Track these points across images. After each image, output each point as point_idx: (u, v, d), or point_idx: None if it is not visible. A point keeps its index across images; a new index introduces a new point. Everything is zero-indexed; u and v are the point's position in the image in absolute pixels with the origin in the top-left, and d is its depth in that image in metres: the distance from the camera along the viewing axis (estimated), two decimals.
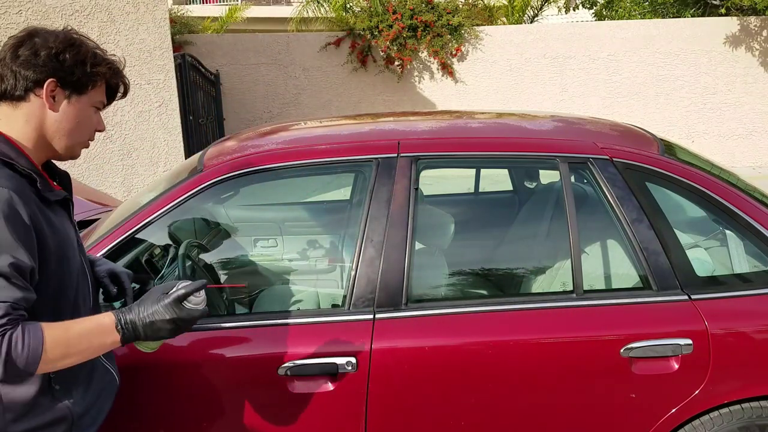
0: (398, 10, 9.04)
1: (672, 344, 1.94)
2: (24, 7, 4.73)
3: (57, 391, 1.38)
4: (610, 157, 2.12)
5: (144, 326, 1.36)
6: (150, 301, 1.38)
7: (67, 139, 1.42)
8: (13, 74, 1.32)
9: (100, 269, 1.68)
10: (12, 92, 1.33)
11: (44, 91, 1.34)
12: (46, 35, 1.35)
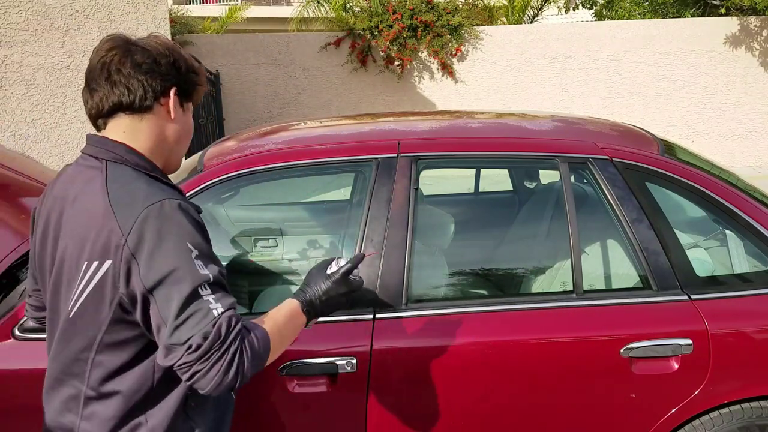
0: (398, 10, 9.04)
1: (672, 344, 1.94)
2: (24, 7, 4.73)
3: (191, 409, 1.32)
4: (610, 157, 2.12)
5: (322, 304, 1.41)
6: (319, 280, 1.43)
7: (182, 149, 1.38)
8: (140, 84, 1.26)
9: None
10: (141, 103, 1.27)
11: (171, 100, 1.30)
12: (147, 43, 1.30)
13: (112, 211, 1.17)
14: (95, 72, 1.28)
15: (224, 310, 1.18)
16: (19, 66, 4.76)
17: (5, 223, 2.91)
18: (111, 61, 1.27)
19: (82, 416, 1.24)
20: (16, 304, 1.99)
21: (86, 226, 1.19)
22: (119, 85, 1.26)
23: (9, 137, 4.78)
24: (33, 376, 1.91)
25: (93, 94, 1.29)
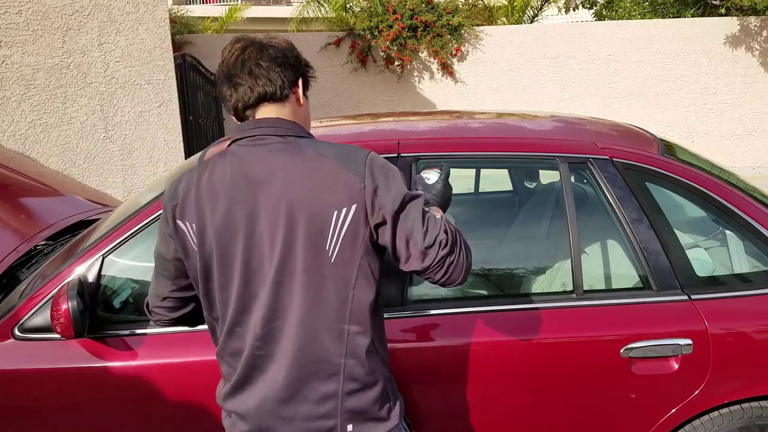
0: (398, 10, 9.03)
1: (672, 344, 1.94)
2: (24, 8, 4.73)
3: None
4: (610, 157, 2.12)
5: (442, 199, 1.57)
6: (430, 189, 1.57)
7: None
8: (278, 75, 1.41)
9: None
10: (281, 92, 1.43)
11: (299, 88, 1.48)
12: (271, 40, 1.46)
13: (340, 167, 1.35)
14: (235, 69, 1.40)
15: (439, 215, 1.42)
16: (19, 66, 4.75)
17: (5, 223, 2.91)
18: (249, 58, 1.40)
19: (346, 354, 1.38)
20: (16, 304, 1.99)
21: (314, 186, 1.34)
22: (261, 77, 1.40)
23: (9, 137, 4.78)
24: (33, 376, 1.92)
25: (237, 88, 1.41)
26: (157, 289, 1.50)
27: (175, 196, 1.42)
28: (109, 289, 2.06)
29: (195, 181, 1.41)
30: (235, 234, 1.36)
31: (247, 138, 1.41)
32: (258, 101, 1.41)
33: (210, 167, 1.40)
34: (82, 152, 5.06)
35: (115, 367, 1.90)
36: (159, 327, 1.48)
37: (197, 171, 1.42)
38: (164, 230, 1.45)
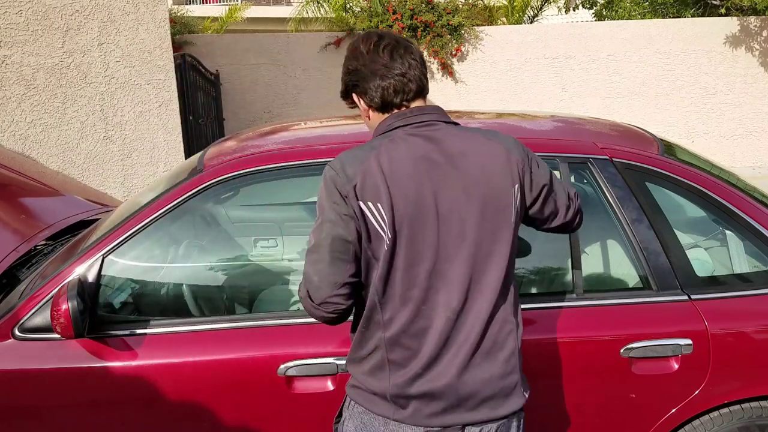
0: (398, 10, 9.03)
1: (672, 344, 1.94)
2: (24, 8, 4.73)
3: None
4: (610, 157, 2.12)
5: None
6: None
7: None
8: (424, 72, 1.53)
9: None
10: (428, 87, 1.55)
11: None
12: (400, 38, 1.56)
13: (506, 149, 1.49)
14: (394, 62, 1.48)
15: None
16: (19, 66, 4.75)
17: (5, 223, 2.91)
18: (405, 53, 1.51)
19: (517, 324, 1.53)
20: (16, 304, 1.99)
21: (493, 166, 1.46)
22: (419, 71, 1.52)
23: (9, 137, 4.78)
24: (33, 376, 1.92)
25: (395, 79, 1.49)
26: (334, 276, 1.42)
27: (351, 178, 1.41)
28: (109, 289, 2.06)
29: (373, 164, 1.42)
30: (425, 213, 1.41)
31: (414, 124, 1.47)
32: (417, 93, 1.50)
33: (384, 151, 1.43)
34: (82, 152, 5.06)
35: (115, 367, 1.90)
36: (325, 318, 1.44)
37: (368, 154, 1.44)
38: (341, 211, 1.41)
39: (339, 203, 1.41)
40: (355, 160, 1.44)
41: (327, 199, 1.43)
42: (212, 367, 1.92)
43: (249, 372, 1.91)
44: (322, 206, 1.44)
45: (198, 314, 2.17)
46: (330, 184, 1.43)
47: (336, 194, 1.42)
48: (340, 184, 1.42)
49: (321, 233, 1.43)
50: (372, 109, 1.52)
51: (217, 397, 1.91)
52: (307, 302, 1.45)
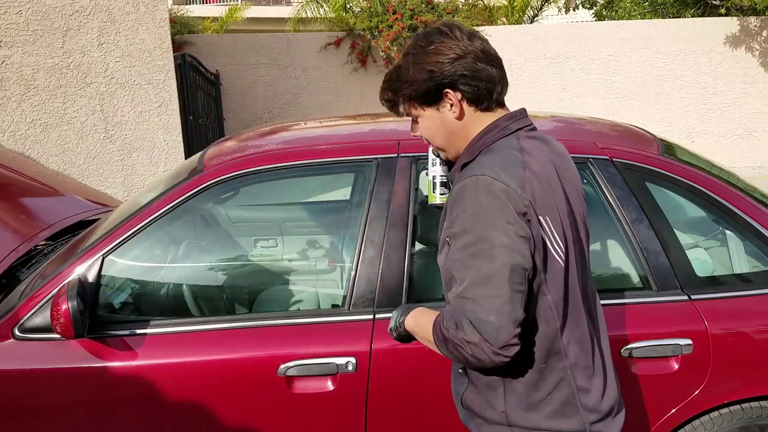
0: (398, 10, 9.03)
1: (672, 344, 1.94)
2: (24, 8, 4.73)
3: None
4: (610, 157, 2.12)
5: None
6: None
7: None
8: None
9: None
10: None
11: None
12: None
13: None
14: (498, 61, 1.37)
15: None
16: (19, 66, 4.75)
17: (5, 223, 2.91)
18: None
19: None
20: (16, 304, 1.99)
21: (576, 171, 1.43)
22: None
23: (9, 137, 4.77)
24: (33, 376, 1.92)
25: (502, 81, 1.38)
26: (515, 313, 1.20)
27: (522, 189, 1.24)
28: (109, 289, 2.06)
29: (530, 172, 1.27)
30: (574, 222, 1.36)
31: (528, 127, 1.39)
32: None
33: (527, 156, 1.31)
34: (82, 152, 5.06)
35: (115, 367, 1.90)
36: (501, 364, 1.20)
37: (517, 160, 1.29)
38: (518, 233, 1.21)
39: (514, 222, 1.22)
40: (511, 166, 1.27)
41: (499, 218, 1.21)
42: (212, 367, 1.92)
43: (249, 372, 1.91)
44: (486, 226, 1.21)
45: (198, 314, 2.17)
46: (502, 198, 1.22)
47: (511, 211, 1.22)
48: (514, 198, 1.22)
49: (494, 262, 1.19)
50: (474, 107, 1.34)
51: (217, 397, 1.91)
52: (481, 349, 1.18)
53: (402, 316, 1.48)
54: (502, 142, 1.33)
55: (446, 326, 1.23)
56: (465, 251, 1.23)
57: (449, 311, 1.24)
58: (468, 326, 1.19)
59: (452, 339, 1.21)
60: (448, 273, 1.27)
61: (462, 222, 1.24)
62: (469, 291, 1.20)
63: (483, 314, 1.18)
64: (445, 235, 1.30)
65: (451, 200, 1.29)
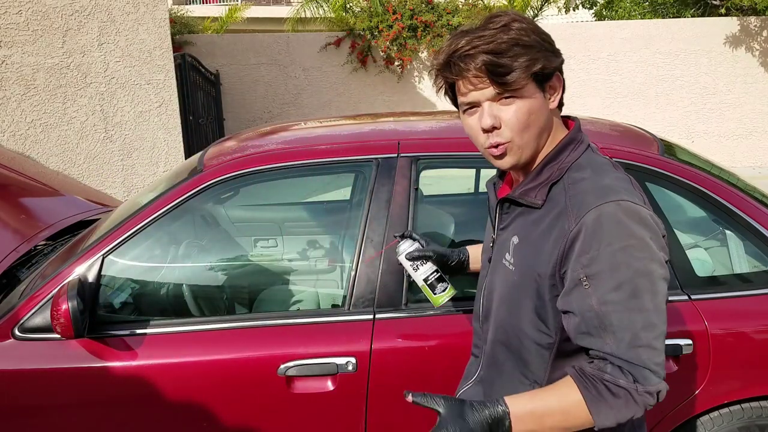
0: (398, 10, 9.04)
1: (672, 344, 1.94)
2: (24, 8, 4.73)
3: None
4: (610, 157, 2.11)
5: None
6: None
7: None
8: None
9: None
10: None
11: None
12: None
13: None
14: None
15: None
16: (19, 66, 4.75)
17: (5, 223, 2.91)
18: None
19: None
20: (16, 304, 1.99)
21: None
22: None
23: (9, 137, 4.78)
24: (33, 376, 1.92)
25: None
26: (663, 348, 1.09)
27: (658, 218, 1.14)
28: (109, 289, 2.06)
29: (640, 192, 1.16)
30: None
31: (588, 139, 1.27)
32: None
33: (623, 173, 1.20)
34: (82, 152, 5.06)
35: (115, 367, 1.90)
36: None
37: (628, 180, 1.18)
38: (666, 258, 1.12)
39: (664, 249, 1.11)
40: (630, 186, 1.15)
41: (654, 248, 1.09)
42: (212, 367, 1.92)
43: (249, 372, 1.91)
44: (644, 259, 1.07)
45: (198, 314, 2.17)
46: (650, 224, 1.10)
47: (660, 238, 1.11)
48: (658, 223, 1.12)
49: (656, 297, 1.08)
50: (555, 108, 1.23)
51: (217, 397, 1.91)
52: (665, 389, 1.08)
53: (495, 427, 1.08)
54: (587, 156, 1.20)
55: (624, 386, 1.06)
56: (621, 291, 1.06)
57: (615, 369, 1.07)
58: (652, 376, 1.06)
59: (635, 395, 1.05)
60: (593, 320, 1.08)
61: (609, 258, 1.06)
62: (641, 338, 1.06)
63: (658, 357, 1.07)
64: (579, 274, 1.09)
65: (579, 231, 1.09)
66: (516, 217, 1.25)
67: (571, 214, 1.12)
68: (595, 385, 1.07)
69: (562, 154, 1.20)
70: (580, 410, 1.07)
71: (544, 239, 1.15)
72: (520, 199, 1.22)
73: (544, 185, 1.19)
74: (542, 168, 1.20)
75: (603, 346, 1.08)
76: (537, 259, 1.16)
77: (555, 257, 1.13)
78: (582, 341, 1.11)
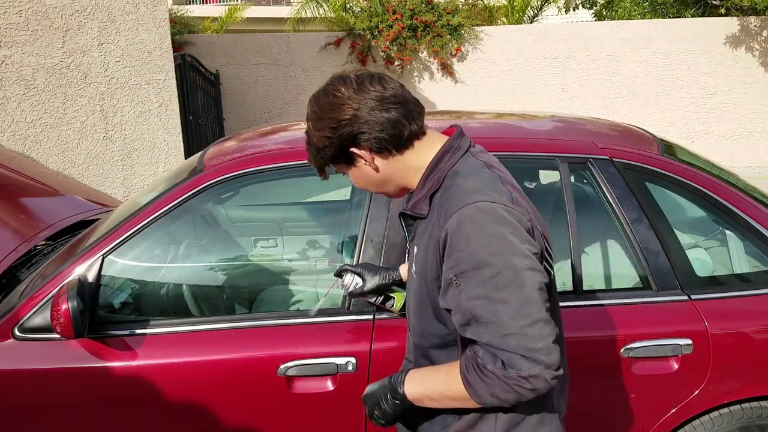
0: (398, 10, 9.03)
1: (672, 344, 1.94)
2: (24, 8, 4.73)
3: None
4: (610, 157, 2.12)
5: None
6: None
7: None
8: None
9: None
10: None
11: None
12: None
13: None
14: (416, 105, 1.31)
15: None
16: (19, 66, 4.75)
17: (5, 223, 2.91)
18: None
19: None
20: (16, 304, 1.99)
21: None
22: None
23: (9, 137, 4.78)
24: (33, 376, 1.92)
25: (420, 118, 1.33)
26: (553, 331, 1.17)
27: (520, 205, 1.23)
28: (109, 289, 2.06)
29: (507, 187, 1.25)
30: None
31: (471, 143, 1.35)
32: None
33: (495, 172, 1.28)
34: (82, 152, 5.06)
35: (115, 367, 1.90)
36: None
37: (496, 175, 1.27)
38: (533, 250, 1.19)
39: (527, 241, 1.18)
40: (494, 184, 1.23)
41: (514, 241, 1.16)
42: (212, 367, 1.92)
43: (249, 372, 1.91)
44: (504, 254, 1.15)
45: (198, 314, 2.17)
46: (508, 219, 1.18)
47: (521, 231, 1.19)
48: (518, 216, 1.20)
49: (524, 288, 1.15)
50: (385, 155, 1.28)
51: (217, 397, 1.91)
52: (543, 378, 1.15)
53: (391, 393, 1.30)
54: (462, 162, 1.29)
55: (491, 370, 1.15)
56: (486, 286, 1.15)
57: (486, 354, 1.17)
58: (522, 361, 1.14)
59: (505, 380, 1.14)
60: (466, 314, 1.18)
61: (470, 257, 1.16)
62: (508, 326, 1.14)
63: (532, 343, 1.14)
64: (449, 275, 1.19)
65: (446, 235, 1.19)
66: (416, 229, 1.35)
67: (441, 220, 1.22)
68: (471, 367, 1.19)
69: (440, 163, 1.29)
70: (459, 386, 1.21)
71: (429, 246, 1.26)
72: (410, 211, 1.33)
73: (426, 196, 1.29)
74: (425, 180, 1.30)
75: (480, 336, 1.18)
76: (427, 263, 1.27)
77: (436, 262, 1.24)
78: (465, 333, 1.21)
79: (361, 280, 1.76)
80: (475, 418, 1.30)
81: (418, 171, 1.31)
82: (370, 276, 1.75)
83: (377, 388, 1.34)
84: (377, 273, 1.75)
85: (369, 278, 1.74)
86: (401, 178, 1.32)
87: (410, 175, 1.32)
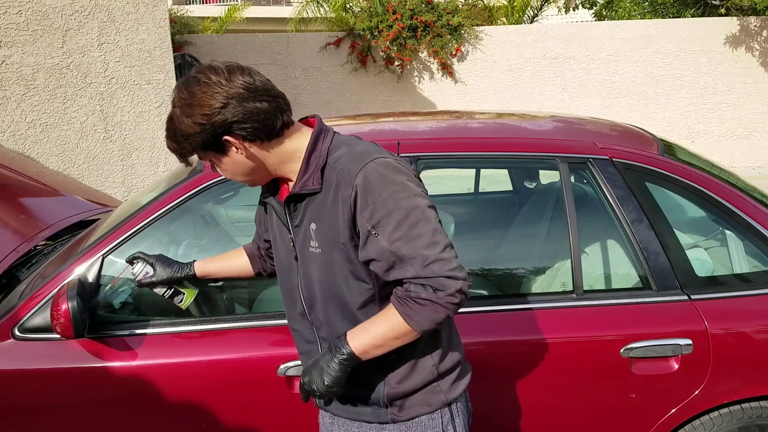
0: (398, 10, 9.03)
1: (672, 344, 1.94)
2: (24, 8, 4.72)
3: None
4: (610, 157, 2.12)
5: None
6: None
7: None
8: None
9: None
10: None
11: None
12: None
13: None
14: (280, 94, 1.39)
15: None
16: (19, 66, 4.75)
17: (5, 223, 2.91)
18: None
19: None
20: (16, 304, 1.99)
21: None
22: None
23: (9, 137, 4.77)
24: (33, 376, 1.92)
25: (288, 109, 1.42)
26: (453, 249, 1.34)
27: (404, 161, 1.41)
28: (110, 289, 2.06)
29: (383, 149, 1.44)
30: None
31: (334, 132, 1.46)
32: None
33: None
34: (82, 152, 5.06)
35: (115, 367, 1.90)
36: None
37: (373, 144, 1.43)
38: (425, 190, 1.38)
39: (420, 185, 1.38)
40: (378, 146, 1.42)
41: (412, 185, 1.34)
42: (212, 367, 1.92)
43: (249, 372, 1.91)
44: (408, 197, 1.32)
45: (198, 314, 2.17)
46: (402, 168, 1.36)
47: (414, 177, 1.38)
48: (408, 166, 1.38)
49: (430, 221, 1.32)
50: (258, 143, 1.35)
51: (217, 397, 1.91)
52: (465, 291, 1.31)
53: (337, 355, 1.36)
54: (337, 138, 1.42)
55: (425, 297, 1.29)
56: (401, 228, 1.30)
57: (416, 286, 1.31)
58: (447, 281, 1.29)
59: (438, 302, 1.29)
60: (390, 257, 1.31)
61: (383, 206, 1.30)
62: (428, 256, 1.29)
63: (449, 265, 1.30)
64: (367, 227, 1.32)
65: (356, 193, 1.32)
66: (305, 209, 1.42)
67: (345, 183, 1.34)
68: (406, 302, 1.31)
69: (317, 144, 1.40)
70: (400, 323, 1.32)
71: (334, 212, 1.36)
72: (302, 191, 1.40)
73: (315, 172, 1.38)
74: (307, 161, 1.39)
75: (406, 273, 1.31)
76: (335, 230, 1.37)
77: (347, 222, 1.34)
78: (391, 276, 1.34)
79: (152, 269, 1.81)
80: (410, 367, 1.43)
81: (294, 156, 1.40)
82: (161, 267, 1.82)
83: (318, 359, 1.40)
84: (170, 265, 1.83)
85: (160, 269, 1.82)
86: (273, 165, 1.40)
87: (285, 162, 1.40)
